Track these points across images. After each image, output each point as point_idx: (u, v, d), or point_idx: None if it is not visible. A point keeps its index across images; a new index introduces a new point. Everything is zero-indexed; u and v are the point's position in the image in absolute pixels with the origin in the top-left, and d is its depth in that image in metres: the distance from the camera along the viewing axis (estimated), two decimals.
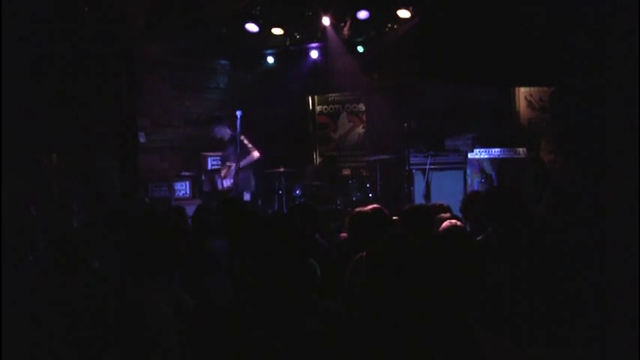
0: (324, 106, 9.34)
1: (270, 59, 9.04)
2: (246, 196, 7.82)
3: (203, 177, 7.72)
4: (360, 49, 8.36)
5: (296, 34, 7.96)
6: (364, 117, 9.07)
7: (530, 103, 7.06)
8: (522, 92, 7.39)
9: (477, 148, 7.41)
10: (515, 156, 6.80)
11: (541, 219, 4.12)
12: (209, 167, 7.82)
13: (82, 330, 2.38)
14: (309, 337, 2.06)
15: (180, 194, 7.59)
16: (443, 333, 2.12)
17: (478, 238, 3.81)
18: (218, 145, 8.00)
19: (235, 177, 7.33)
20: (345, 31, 7.60)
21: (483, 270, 3.30)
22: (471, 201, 4.66)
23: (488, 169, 7.15)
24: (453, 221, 3.87)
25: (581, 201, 4.46)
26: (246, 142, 7.63)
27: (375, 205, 4.08)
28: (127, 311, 2.22)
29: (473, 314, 2.92)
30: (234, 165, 7.59)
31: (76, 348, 2.38)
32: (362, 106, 9.08)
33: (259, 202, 8.60)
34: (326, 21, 7.36)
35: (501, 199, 3.98)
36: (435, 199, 6.39)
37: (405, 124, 7.00)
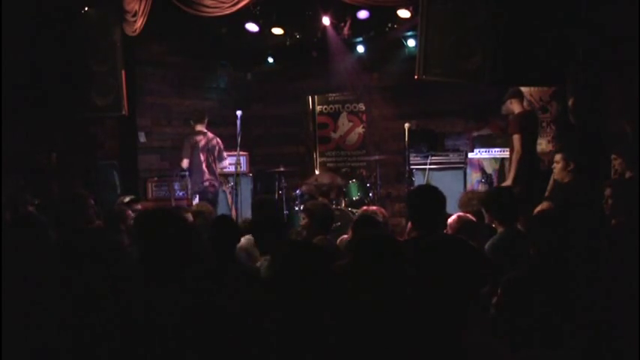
0: (324, 106, 9.34)
1: (270, 59, 9.04)
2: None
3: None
4: (360, 49, 8.36)
5: (296, 34, 7.95)
6: (364, 117, 9.07)
7: (530, 103, 7.04)
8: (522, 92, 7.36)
9: (477, 148, 7.41)
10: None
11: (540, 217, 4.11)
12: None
13: (89, 328, 2.37)
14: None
15: (181, 194, 7.56)
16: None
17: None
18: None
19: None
20: (345, 31, 7.58)
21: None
22: (468, 200, 4.67)
23: (488, 169, 7.15)
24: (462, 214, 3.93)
25: (580, 200, 4.47)
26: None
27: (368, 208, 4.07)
28: (137, 311, 2.19)
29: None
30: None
31: (84, 346, 2.37)
32: (362, 106, 9.07)
33: None
34: (326, 21, 7.35)
35: (499, 198, 3.99)
36: None
37: (405, 124, 6.98)
